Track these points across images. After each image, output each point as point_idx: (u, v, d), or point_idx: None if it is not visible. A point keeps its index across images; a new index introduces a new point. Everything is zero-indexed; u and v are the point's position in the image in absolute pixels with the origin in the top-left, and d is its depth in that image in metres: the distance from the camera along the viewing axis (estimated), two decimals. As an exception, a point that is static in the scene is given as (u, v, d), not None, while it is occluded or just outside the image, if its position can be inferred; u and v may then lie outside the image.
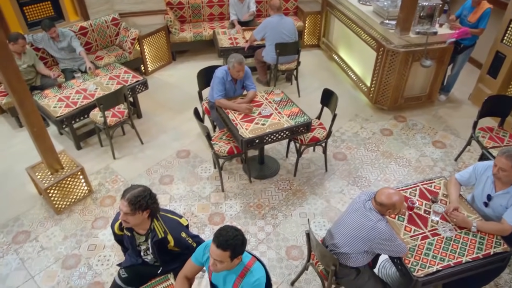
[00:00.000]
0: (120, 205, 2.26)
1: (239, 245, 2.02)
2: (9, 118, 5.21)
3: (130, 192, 2.25)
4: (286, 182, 4.20)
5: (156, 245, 2.38)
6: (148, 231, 2.42)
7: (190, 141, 4.80)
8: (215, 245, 2.00)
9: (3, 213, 3.90)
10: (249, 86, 4.09)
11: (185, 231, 2.46)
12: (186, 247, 2.44)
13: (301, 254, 3.47)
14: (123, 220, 2.29)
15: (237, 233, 2.02)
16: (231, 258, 2.02)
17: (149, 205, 2.27)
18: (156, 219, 2.40)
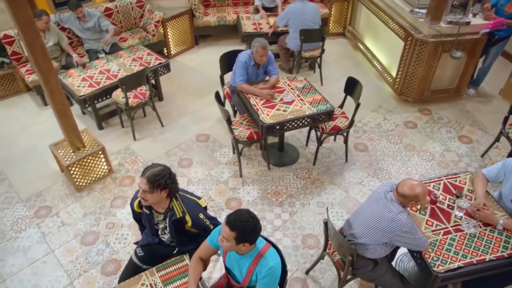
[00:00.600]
0: (140, 182, 2.27)
1: (248, 231, 1.99)
2: (35, 96, 5.32)
3: (149, 171, 2.25)
4: (305, 171, 4.15)
5: (174, 224, 2.38)
6: (167, 210, 2.42)
7: (210, 126, 4.79)
8: (225, 221, 2.00)
9: (27, 188, 4.00)
10: (271, 71, 4.03)
11: (203, 212, 2.45)
12: (203, 228, 2.43)
13: (317, 244, 3.43)
14: (141, 198, 2.30)
15: (250, 219, 1.98)
16: (237, 241, 2.00)
17: (167, 184, 2.26)
18: (175, 199, 2.39)
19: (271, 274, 2.07)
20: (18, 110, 5.16)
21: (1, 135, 4.71)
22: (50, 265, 3.30)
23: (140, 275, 2.35)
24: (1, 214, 3.74)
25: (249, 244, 2.03)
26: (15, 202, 3.86)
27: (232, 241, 1.99)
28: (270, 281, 2.09)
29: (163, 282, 2.30)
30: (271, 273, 2.07)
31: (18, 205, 3.83)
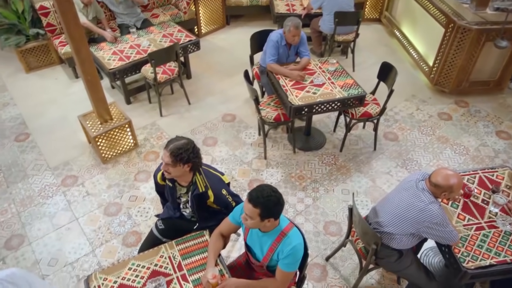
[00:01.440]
0: (163, 155, 2.25)
1: (271, 206, 1.91)
2: (66, 68, 5.40)
3: (173, 144, 2.22)
4: (331, 157, 4.05)
5: (196, 198, 2.35)
6: (190, 184, 2.39)
7: (237, 106, 4.73)
8: (247, 199, 1.93)
9: (55, 157, 4.08)
10: (303, 52, 3.92)
11: (226, 188, 2.41)
12: (225, 205, 2.40)
13: (340, 231, 3.35)
14: (164, 170, 2.28)
15: (272, 194, 1.91)
16: (261, 217, 1.93)
17: (190, 159, 2.22)
18: (199, 173, 2.36)
19: (293, 254, 2.01)
20: (51, 81, 5.26)
21: (33, 105, 4.82)
22: (74, 232, 3.36)
23: (160, 247, 2.34)
24: (30, 180, 3.84)
25: (274, 219, 1.97)
26: (44, 169, 3.95)
27: (256, 218, 1.93)
28: (292, 261, 2.03)
29: (182, 256, 2.29)
30: (293, 253, 2.01)
31: (46, 173, 3.92)
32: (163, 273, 2.20)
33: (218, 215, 2.46)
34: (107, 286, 2.15)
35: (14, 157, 4.11)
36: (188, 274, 2.20)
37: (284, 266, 2.03)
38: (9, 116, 4.68)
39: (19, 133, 4.41)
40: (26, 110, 4.74)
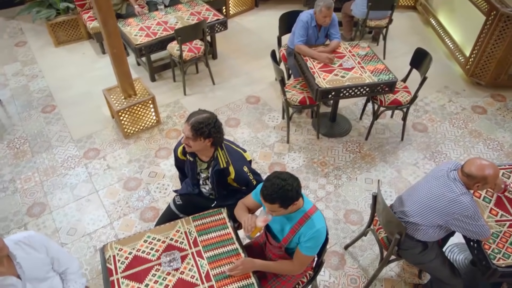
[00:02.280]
0: (184, 128, 2.18)
1: (288, 196, 1.83)
2: (94, 43, 5.43)
3: (195, 117, 2.15)
4: (356, 145, 3.92)
5: (216, 174, 2.29)
6: (211, 159, 2.33)
7: (262, 89, 4.64)
8: (263, 199, 1.87)
9: (79, 130, 4.12)
10: (333, 35, 3.77)
11: (247, 165, 2.34)
12: (245, 182, 2.33)
13: (360, 220, 3.24)
14: (185, 144, 2.22)
15: (283, 183, 1.81)
16: (283, 207, 1.86)
17: (211, 133, 2.15)
18: (220, 149, 2.29)
19: (316, 238, 1.93)
20: (78, 56, 5.30)
21: (60, 78, 4.87)
22: (94, 204, 3.39)
23: (176, 222, 2.31)
24: (54, 151, 3.88)
25: (296, 201, 1.89)
26: (68, 141, 3.99)
27: (279, 209, 1.87)
28: (313, 245, 1.95)
29: (198, 232, 2.24)
30: (316, 237, 1.93)
31: (70, 144, 3.95)
32: (178, 247, 2.17)
33: (237, 194, 2.40)
34: (122, 256, 2.13)
35: (40, 127, 4.17)
36: (203, 251, 2.15)
37: (305, 249, 1.96)
38: (37, 87, 4.74)
39: (45, 105, 4.47)
40: (53, 83, 4.80)
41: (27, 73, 4.99)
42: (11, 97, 4.60)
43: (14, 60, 5.24)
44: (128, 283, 2.01)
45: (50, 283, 1.93)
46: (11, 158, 3.82)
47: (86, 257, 3.01)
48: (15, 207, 3.36)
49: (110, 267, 2.09)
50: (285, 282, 2.19)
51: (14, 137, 4.07)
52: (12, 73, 4.99)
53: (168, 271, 2.06)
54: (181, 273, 2.05)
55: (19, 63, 5.17)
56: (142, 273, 2.06)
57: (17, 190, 3.51)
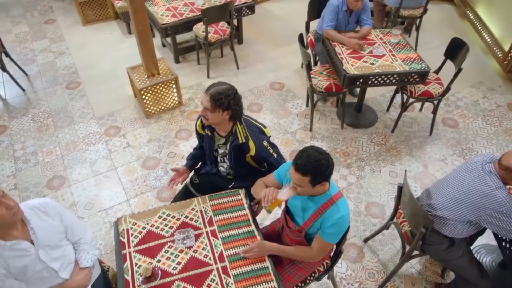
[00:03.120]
0: (202, 98, 2.11)
1: (321, 171, 1.72)
2: (121, 24, 5.43)
3: (214, 88, 2.08)
4: (381, 137, 3.77)
5: (235, 150, 2.21)
6: (229, 134, 2.25)
7: (287, 75, 4.53)
8: (294, 168, 1.75)
9: (101, 107, 4.12)
10: (364, 21, 3.62)
11: (267, 140, 2.26)
12: (265, 158, 2.24)
13: (382, 214, 3.12)
14: (202, 116, 2.14)
15: (321, 157, 1.71)
16: (312, 184, 1.76)
17: (231, 105, 2.07)
18: (239, 123, 2.21)
19: (339, 224, 1.82)
20: (105, 35, 5.31)
21: (87, 56, 4.90)
22: (112, 180, 3.38)
23: (192, 200, 2.25)
24: (76, 127, 3.90)
25: (326, 181, 1.79)
26: (90, 118, 4.01)
27: (307, 185, 1.76)
28: (336, 232, 1.85)
29: (214, 212, 2.18)
30: (339, 223, 1.82)
31: (91, 121, 3.96)
32: (193, 226, 2.11)
33: (256, 175, 2.32)
34: (135, 230, 2.09)
35: (64, 103, 4.20)
36: (218, 231, 2.09)
37: (326, 236, 1.86)
38: (64, 64, 4.78)
39: (70, 81, 4.50)
40: (79, 60, 4.83)
41: (55, 50, 5.04)
42: (38, 73, 4.66)
43: (43, 37, 5.30)
44: (140, 257, 1.97)
45: (62, 251, 1.91)
46: (34, 131, 3.86)
47: (101, 232, 3.00)
48: (35, 179, 3.39)
49: (123, 240, 2.05)
50: (301, 269, 2.11)
51: (39, 111, 4.11)
52: (40, 49, 5.05)
53: (181, 248, 2.00)
54: (194, 251, 1.99)
55: (48, 40, 5.23)
56: (155, 248, 2.01)
57: (38, 162, 3.55)
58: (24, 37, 5.30)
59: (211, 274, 1.90)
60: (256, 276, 1.90)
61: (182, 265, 1.94)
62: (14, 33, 5.39)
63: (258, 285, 1.86)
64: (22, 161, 3.56)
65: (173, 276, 1.89)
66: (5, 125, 3.94)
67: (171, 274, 1.90)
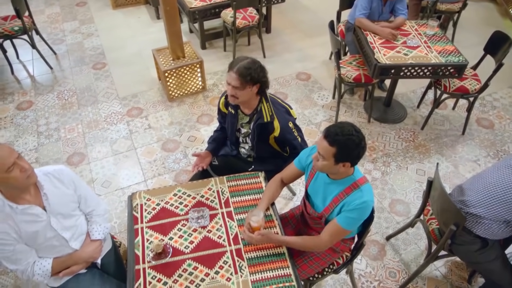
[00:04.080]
0: (228, 78, 2.01)
1: (351, 147, 1.59)
2: (150, 9, 5.43)
3: (238, 64, 1.98)
4: (410, 133, 3.60)
5: (258, 129, 2.11)
6: (254, 112, 2.15)
7: (314, 66, 4.40)
8: (323, 135, 1.64)
9: (125, 88, 4.11)
10: (399, 10, 3.46)
11: (293, 122, 2.16)
12: (289, 141, 2.14)
13: (407, 212, 2.96)
14: (231, 96, 2.05)
15: (354, 133, 1.59)
16: (336, 159, 1.62)
17: (260, 78, 1.98)
18: (265, 100, 2.11)
19: (361, 209, 1.69)
20: (134, 19, 5.32)
21: (115, 38, 4.91)
22: (130, 160, 3.35)
23: (209, 180, 2.17)
24: (99, 106, 3.90)
25: (350, 164, 1.66)
26: (113, 98, 4.00)
27: (330, 159, 1.63)
28: (356, 217, 1.71)
29: (231, 193, 2.09)
30: (361, 208, 1.68)
31: (115, 101, 3.95)
32: (208, 205, 2.03)
33: (277, 159, 2.23)
34: (149, 206, 2.03)
35: (89, 83, 4.21)
36: (234, 213, 2.00)
37: (343, 219, 1.72)
38: (91, 45, 4.81)
39: (97, 62, 4.51)
40: (107, 42, 4.84)
41: (84, 31, 5.08)
42: (66, 52, 4.70)
43: (74, 18, 5.36)
44: (152, 233, 1.91)
45: (74, 221, 1.86)
46: (58, 108, 3.88)
47: (117, 211, 2.97)
48: (56, 154, 3.40)
49: (136, 215, 1.99)
50: (318, 259, 1.99)
51: (64, 89, 4.13)
52: (70, 30, 5.10)
53: (195, 227, 1.93)
54: (208, 231, 1.91)
55: (78, 22, 5.28)
56: (168, 225, 1.94)
57: (60, 138, 3.55)
58: (55, 18, 5.36)
59: (224, 255, 1.81)
60: (271, 262, 1.80)
61: (195, 244, 1.86)
62: (46, 13, 5.47)
63: (273, 270, 1.76)
64: (44, 136, 3.58)
65: (185, 255, 1.82)
66: (31, 101, 3.98)
67: (183, 253, 1.82)
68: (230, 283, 1.71)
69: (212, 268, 1.76)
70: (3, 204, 1.65)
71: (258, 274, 1.75)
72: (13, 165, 1.55)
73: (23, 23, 3.99)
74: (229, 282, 1.72)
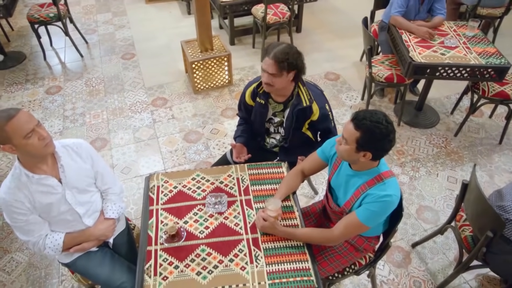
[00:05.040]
0: (263, 65, 1.90)
1: (376, 136, 1.46)
2: (182, 4, 5.47)
3: (275, 49, 1.85)
4: (442, 139, 3.42)
5: (297, 115, 2.01)
6: (289, 98, 2.04)
7: (343, 67, 4.29)
8: (351, 118, 1.53)
9: (152, 79, 4.11)
10: (437, 10, 3.30)
11: (328, 104, 2.08)
12: (326, 125, 2.06)
13: (436, 220, 2.78)
14: (266, 84, 1.94)
15: (384, 123, 1.46)
16: (357, 145, 1.50)
17: (297, 64, 1.87)
18: (302, 84, 2.01)
19: (384, 203, 1.56)
20: (165, 14, 5.36)
21: (144, 30, 4.95)
22: (152, 149, 3.32)
23: (229, 166, 2.09)
24: (125, 94, 3.91)
25: (371, 156, 1.53)
26: (139, 87, 4.00)
27: (352, 144, 1.51)
28: (377, 211, 1.57)
29: (251, 181, 2.00)
30: (385, 202, 1.55)
31: (140, 91, 3.95)
32: (227, 192, 1.94)
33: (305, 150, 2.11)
34: (166, 188, 1.96)
35: (117, 72, 4.24)
36: (254, 201, 1.91)
37: (362, 212, 1.58)
38: (122, 36, 4.86)
39: (126, 52, 4.55)
40: (137, 34, 4.88)
41: (116, 23, 5.15)
42: (97, 42, 4.76)
43: (107, 10, 5.44)
44: (167, 215, 1.84)
45: (89, 197, 1.82)
46: (85, 94, 3.91)
47: (135, 197, 2.93)
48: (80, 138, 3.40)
49: (152, 196, 1.93)
50: (340, 257, 1.87)
51: (93, 76, 4.17)
52: (103, 21, 5.18)
53: (211, 213, 1.84)
54: (225, 218, 1.83)
55: (111, 14, 5.36)
56: (184, 209, 1.87)
57: (85, 123, 3.57)
58: (89, 10, 5.47)
59: (240, 244, 1.72)
60: (290, 254, 1.69)
61: (210, 230, 1.78)
62: (82, 5, 5.59)
63: (290, 263, 1.65)
64: (70, 120, 3.60)
65: (199, 239, 1.74)
66: (60, 86, 4.03)
67: (197, 238, 1.74)
68: (245, 272, 1.62)
69: (227, 255, 1.67)
70: (20, 172, 1.62)
71: (275, 265, 1.64)
72: (32, 132, 1.52)
73: (58, 10, 4.06)
74: (244, 271, 1.62)
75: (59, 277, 2.43)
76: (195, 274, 1.61)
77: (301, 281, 1.59)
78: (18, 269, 2.48)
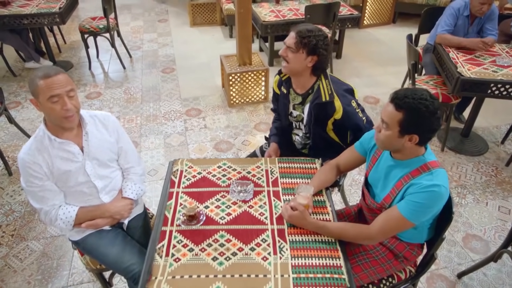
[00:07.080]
0: (288, 37, 1.80)
1: (421, 116, 1.29)
2: (224, 29, 5.63)
3: (303, 26, 1.78)
4: (492, 168, 3.13)
5: (315, 110, 1.84)
6: (309, 91, 1.90)
7: (383, 92, 4.14)
8: (390, 99, 1.37)
9: (188, 91, 4.13)
10: (488, 31, 3.15)
11: (356, 101, 1.90)
12: (353, 122, 1.85)
13: (485, 251, 2.46)
14: (282, 56, 1.83)
15: (429, 99, 1.30)
16: (401, 129, 1.33)
17: (318, 48, 1.73)
18: (324, 77, 1.85)
19: (431, 194, 1.34)
20: (208, 37, 5.50)
21: (186, 50, 5.08)
22: (181, 154, 3.25)
23: (259, 158, 1.96)
24: (160, 103, 3.93)
25: (418, 138, 1.34)
26: (175, 98, 4.02)
27: (394, 128, 1.35)
28: (424, 202, 1.35)
29: (280, 174, 1.85)
30: (432, 192, 1.34)
31: (176, 101, 3.97)
32: (254, 182, 1.79)
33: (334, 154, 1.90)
34: (190, 173, 1.84)
35: (155, 83, 4.31)
36: (282, 193, 1.74)
37: (405, 205, 1.37)
38: (165, 53, 5.00)
39: (167, 67, 4.65)
40: (179, 52, 5.01)
41: (160, 41, 5.33)
42: (140, 57, 4.92)
43: (153, 31, 5.68)
44: (187, 198, 1.70)
45: (109, 172, 1.73)
46: (123, 101, 3.97)
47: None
48: (111, 140, 3.40)
49: (174, 179, 1.81)
50: (376, 263, 1.63)
51: (132, 86, 4.26)
52: (148, 40, 5.39)
53: (235, 200, 1.69)
54: (250, 207, 1.67)
55: (156, 34, 5.58)
56: (206, 194, 1.73)
57: (118, 126, 3.58)
58: (137, 30, 5.72)
59: (264, 233, 1.54)
60: (319, 249, 1.49)
61: (232, 217, 1.62)
62: (131, 25, 5.87)
63: (319, 258, 1.45)
64: (104, 123, 3.63)
65: (219, 225, 1.58)
66: (100, 92, 4.13)
67: (217, 223, 1.59)
68: (266, 263, 1.43)
69: (248, 244, 1.50)
70: (43, 135, 1.57)
71: (301, 259, 1.45)
72: (58, 97, 1.46)
73: (108, 22, 4.25)
74: (265, 261, 1.43)
75: (70, 269, 2.31)
76: (210, 259, 1.44)
77: (331, 278, 1.38)
78: (31, 257, 2.39)
